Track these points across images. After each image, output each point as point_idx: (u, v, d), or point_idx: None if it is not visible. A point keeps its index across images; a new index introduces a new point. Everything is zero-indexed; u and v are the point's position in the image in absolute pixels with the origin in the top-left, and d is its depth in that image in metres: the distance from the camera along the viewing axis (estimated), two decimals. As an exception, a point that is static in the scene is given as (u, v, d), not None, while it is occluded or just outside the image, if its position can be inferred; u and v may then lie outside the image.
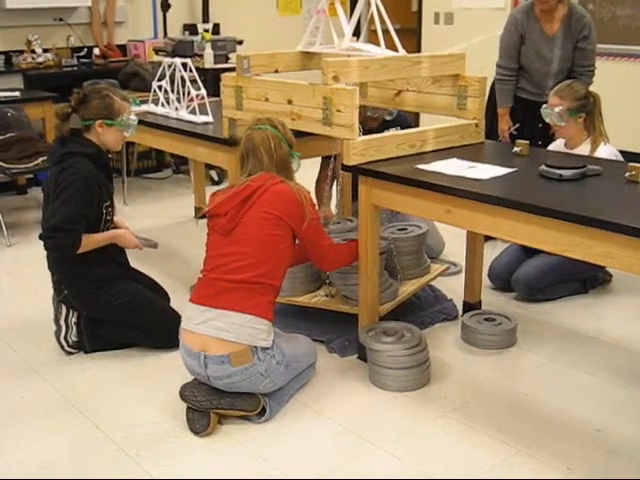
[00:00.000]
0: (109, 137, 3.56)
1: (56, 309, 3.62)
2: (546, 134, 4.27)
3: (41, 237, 3.39)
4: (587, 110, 4.00)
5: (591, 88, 4.23)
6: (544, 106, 4.04)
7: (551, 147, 4.18)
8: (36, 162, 5.34)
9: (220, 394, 2.95)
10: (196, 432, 2.91)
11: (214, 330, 2.89)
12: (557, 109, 3.96)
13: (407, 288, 3.78)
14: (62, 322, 3.57)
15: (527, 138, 3.66)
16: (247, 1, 7.97)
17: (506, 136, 4.77)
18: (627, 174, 2.98)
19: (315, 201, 3.84)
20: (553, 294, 4.15)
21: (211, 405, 2.94)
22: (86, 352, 3.58)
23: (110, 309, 3.50)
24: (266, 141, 3.07)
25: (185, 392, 2.98)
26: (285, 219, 2.98)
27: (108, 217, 3.55)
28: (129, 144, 6.47)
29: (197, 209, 5.72)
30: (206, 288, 2.99)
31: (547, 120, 4.06)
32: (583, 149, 4.00)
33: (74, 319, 3.57)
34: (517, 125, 4.74)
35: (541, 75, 4.78)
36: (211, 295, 2.95)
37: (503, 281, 4.23)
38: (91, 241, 3.44)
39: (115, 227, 3.65)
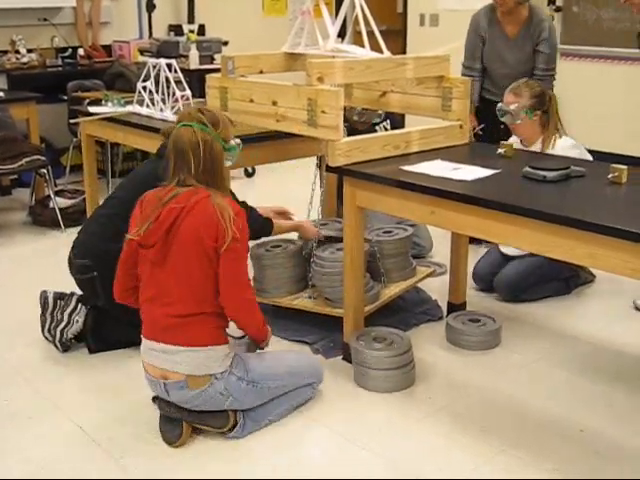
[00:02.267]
0: None
1: (66, 301, 3.61)
2: (509, 134, 4.29)
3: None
4: (543, 108, 4.04)
5: (578, 90, 4.25)
6: (499, 104, 4.07)
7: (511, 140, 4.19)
8: (20, 163, 5.31)
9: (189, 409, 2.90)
10: (169, 443, 2.86)
11: (170, 364, 2.80)
12: (512, 106, 4.00)
13: (390, 291, 3.78)
14: (66, 315, 3.56)
15: (490, 138, 3.69)
16: (233, 2, 7.97)
17: (471, 135, 4.76)
18: (610, 175, 3.00)
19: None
20: (536, 294, 4.16)
21: (182, 416, 2.89)
22: (90, 352, 3.57)
23: None
24: (194, 144, 2.79)
25: (157, 399, 2.95)
26: (206, 243, 2.74)
27: None
28: (114, 145, 6.45)
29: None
30: (154, 323, 2.84)
31: (502, 119, 4.09)
32: (537, 147, 4.07)
33: (78, 317, 3.55)
34: (482, 125, 4.76)
35: (501, 76, 4.81)
36: (160, 331, 2.82)
37: (487, 282, 4.25)
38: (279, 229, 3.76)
39: None
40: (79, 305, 3.59)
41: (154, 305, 2.84)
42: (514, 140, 4.17)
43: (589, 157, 3.96)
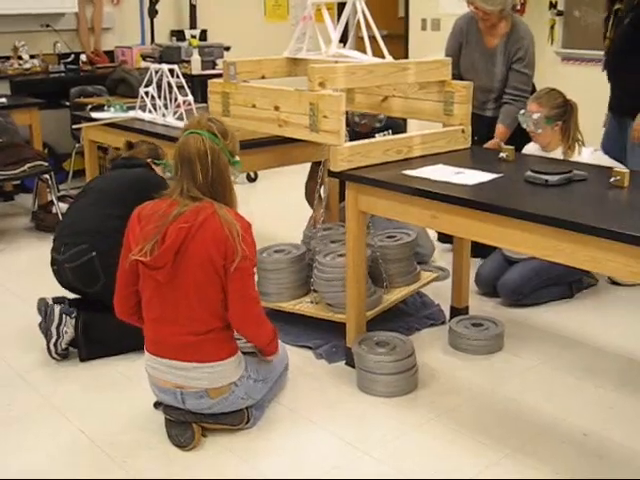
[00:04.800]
0: None
1: (49, 316, 3.58)
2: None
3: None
4: (564, 118, 4.04)
5: (579, 93, 4.24)
6: (522, 111, 4.07)
7: (526, 150, 4.21)
8: (23, 168, 5.31)
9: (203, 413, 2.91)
10: (182, 446, 2.85)
11: (185, 379, 2.80)
12: (535, 115, 4.00)
13: (393, 296, 3.78)
14: (53, 329, 3.54)
15: None
16: (234, 7, 7.98)
17: None
18: (612, 179, 3.00)
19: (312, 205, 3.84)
20: (539, 298, 4.16)
21: (194, 418, 2.89)
22: (82, 360, 3.56)
23: None
24: (202, 152, 2.74)
25: (162, 405, 2.93)
26: (216, 261, 2.71)
27: None
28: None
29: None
30: (162, 342, 2.82)
31: (524, 126, 4.09)
32: (558, 154, 4.06)
33: (66, 328, 3.54)
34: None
35: (475, 88, 4.65)
36: (170, 349, 2.79)
37: (490, 286, 4.24)
38: None
39: None
40: (63, 317, 3.56)
41: (162, 324, 2.81)
42: (534, 147, 4.17)
43: (617, 164, 3.90)
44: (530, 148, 4.19)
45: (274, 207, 5.97)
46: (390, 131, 4.79)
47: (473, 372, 3.45)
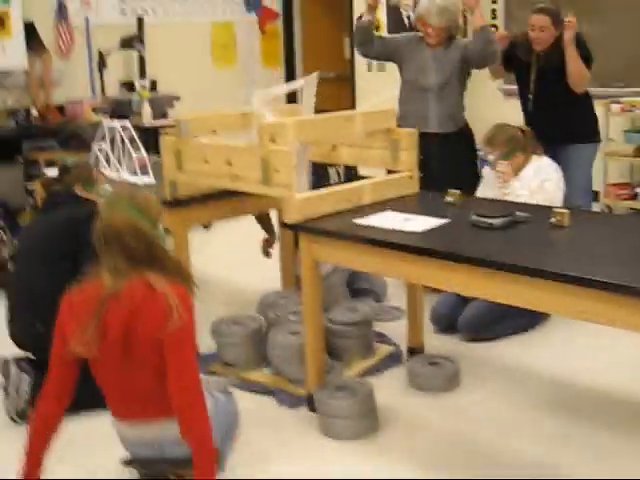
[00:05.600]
0: None
1: (5, 375, 3.60)
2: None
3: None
4: (521, 147, 4.22)
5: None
6: (481, 153, 4.24)
7: (486, 170, 4.43)
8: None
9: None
10: None
11: (163, 436, 2.70)
12: (490, 157, 4.17)
13: (351, 371, 3.85)
14: (12, 389, 3.55)
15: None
16: (183, 56, 8.09)
17: None
18: (552, 219, 3.14)
19: None
20: (498, 332, 4.25)
21: (173, 468, 2.75)
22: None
23: None
24: (127, 225, 2.61)
25: (134, 462, 2.86)
26: (161, 337, 2.54)
27: None
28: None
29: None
30: (132, 411, 2.72)
31: (489, 167, 4.27)
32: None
33: (25, 387, 3.53)
34: None
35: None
36: (144, 414, 2.70)
37: (446, 323, 4.34)
38: None
39: None
40: (22, 376, 3.55)
41: (126, 401, 2.71)
42: (488, 173, 4.37)
43: (554, 176, 4.18)
44: (488, 174, 4.40)
45: (230, 255, 6.04)
46: (342, 166, 4.94)
47: (432, 410, 3.55)
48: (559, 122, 4.83)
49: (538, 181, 4.17)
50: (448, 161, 4.70)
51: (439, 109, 4.81)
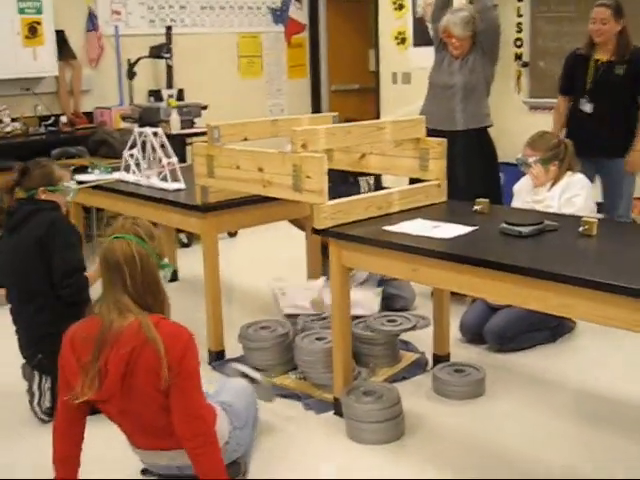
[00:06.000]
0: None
1: (28, 378, 3.67)
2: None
3: (56, 287, 3.53)
4: (559, 157, 4.27)
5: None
6: (519, 156, 4.29)
7: (518, 185, 4.47)
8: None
9: None
10: None
11: (182, 459, 2.71)
12: (531, 159, 4.22)
13: (378, 378, 3.88)
14: (35, 388, 3.62)
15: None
16: (210, 66, 8.18)
17: None
18: (581, 228, 3.17)
19: None
20: (523, 343, 4.27)
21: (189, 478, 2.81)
22: None
23: None
24: (130, 257, 2.60)
25: (150, 472, 2.92)
26: (164, 381, 2.55)
27: None
28: (98, 210, 6.58)
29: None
30: (148, 444, 2.78)
31: (522, 169, 4.31)
32: (546, 187, 4.31)
33: (48, 384, 3.60)
34: None
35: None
36: (158, 445, 2.76)
37: (473, 334, 4.37)
38: (93, 276, 3.59)
39: None
40: (43, 376, 3.63)
41: (139, 436, 2.76)
42: (526, 182, 4.42)
43: (583, 192, 4.22)
44: (521, 185, 4.44)
45: (256, 262, 6.09)
46: (372, 177, 5.00)
47: (457, 417, 3.57)
48: (611, 134, 4.89)
49: (568, 196, 4.21)
50: (472, 157, 4.93)
51: (464, 108, 5.03)
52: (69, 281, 3.53)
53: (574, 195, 4.21)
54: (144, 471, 2.97)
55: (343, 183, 4.69)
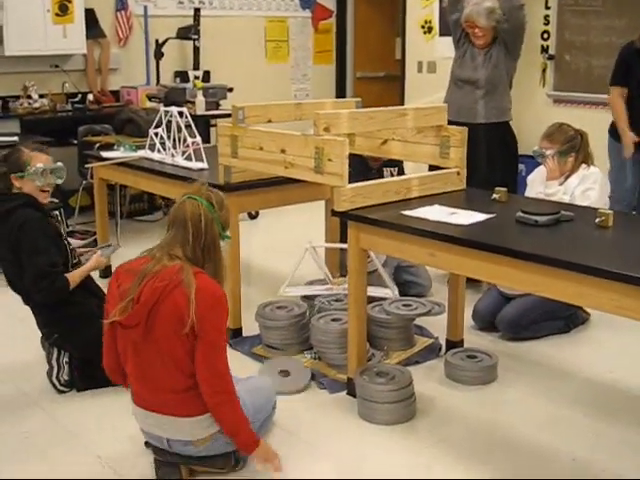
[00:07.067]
0: (27, 189, 3.68)
1: (47, 351, 3.76)
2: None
3: (28, 292, 3.57)
4: (577, 149, 4.29)
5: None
6: (535, 148, 4.31)
7: (532, 175, 4.51)
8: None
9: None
10: None
11: (172, 432, 2.83)
12: (548, 152, 4.24)
13: (392, 360, 3.94)
14: (54, 362, 3.70)
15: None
16: (236, 49, 8.24)
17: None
18: (597, 220, 3.21)
19: None
20: (537, 332, 4.31)
21: (182, 460, 2.91)
22: (78, 390, 3.68)
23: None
24: (196, 217, 2.76)
25: (152, 445, 2.98)
26: (186, 323, 2.65)
27: (74, 256, 3.75)
28: (122, 187, 6.67)
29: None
30: (145, 399, 2.85)
31: (539, 160, 4.34)
32: (560, 180, 4.32)
33: (65, 359, 3.69)
34: None
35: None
36: (153, 404, 2.82)
37: (487, 322, 4.41)
38: (75, 277, 3.62)
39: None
40: (61, 351, 3.70)
41: (141, 382, 2.84)
42: (539, 174, 4.45)
43: (597, 186, 4.24)
44: (535, 175, 4.48)
45: (275, 244, 6.16)
46: (397, 169, 5.03)
47: (468, 402, 3.62)
48: None
49: (582, 188, 4.23)
50: (492, 149, 5.06)
51: (487, 102, 5.15)
52: (41, 285, 3.51)
53: (588, 188, 4.23)
54: (147, 443, 3.04)
55: (365, 172, 4.73)
